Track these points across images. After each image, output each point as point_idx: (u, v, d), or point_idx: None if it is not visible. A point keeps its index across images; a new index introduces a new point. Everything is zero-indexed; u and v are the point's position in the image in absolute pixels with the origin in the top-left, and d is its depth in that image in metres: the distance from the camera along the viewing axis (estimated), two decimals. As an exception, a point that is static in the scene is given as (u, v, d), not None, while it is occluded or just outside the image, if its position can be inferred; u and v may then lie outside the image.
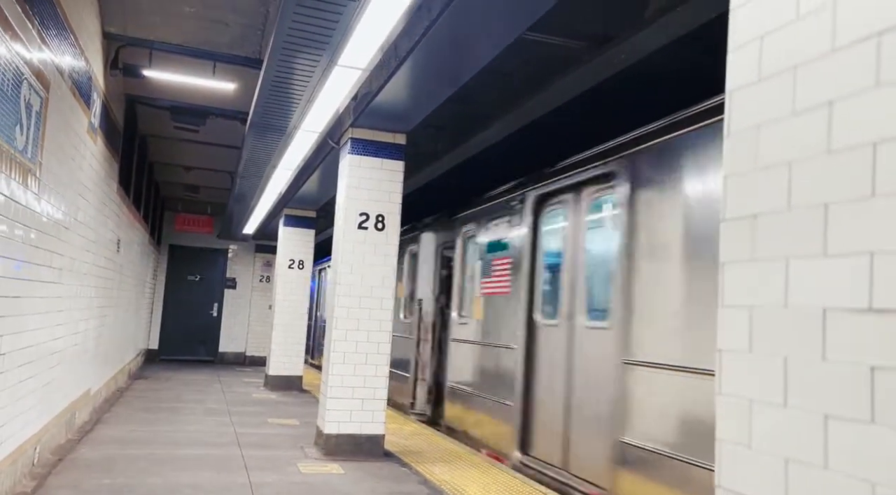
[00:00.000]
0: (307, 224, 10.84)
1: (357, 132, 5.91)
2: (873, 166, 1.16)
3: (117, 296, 8.36)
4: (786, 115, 1.35)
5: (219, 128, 8.19)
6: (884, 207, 1.14)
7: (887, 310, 1.12)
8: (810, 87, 1.30)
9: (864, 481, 1.13)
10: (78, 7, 4.71)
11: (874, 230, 1.16)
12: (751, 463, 1.36)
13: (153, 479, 4.59)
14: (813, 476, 1.22)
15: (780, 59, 1.37)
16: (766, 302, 1.36)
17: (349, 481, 4.88)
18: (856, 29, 1.22)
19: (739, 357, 1.42)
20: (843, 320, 1.20)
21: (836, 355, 1.20)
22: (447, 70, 4.48)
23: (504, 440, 5.96)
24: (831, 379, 1.21)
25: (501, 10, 3.54)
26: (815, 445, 1.23)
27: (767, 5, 1.42)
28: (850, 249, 1.20)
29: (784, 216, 1.33)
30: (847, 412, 1.18)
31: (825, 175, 1.25)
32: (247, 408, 8.21)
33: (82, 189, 5.42)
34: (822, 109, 1.27)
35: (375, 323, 5.86)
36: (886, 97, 1.15)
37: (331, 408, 5.71)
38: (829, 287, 1.23)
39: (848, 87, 1.22)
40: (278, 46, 4.38)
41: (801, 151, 1.30)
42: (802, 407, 1.26)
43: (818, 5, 1.30)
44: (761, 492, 1.32)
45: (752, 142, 1.42)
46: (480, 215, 7.01)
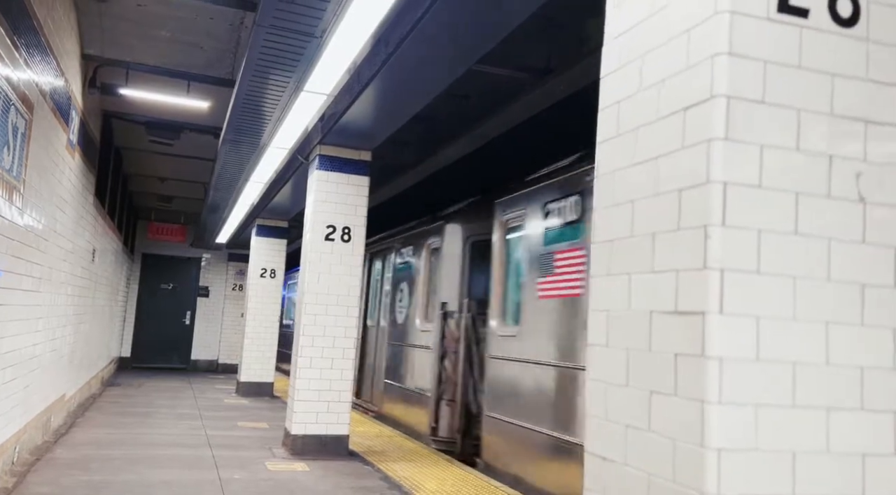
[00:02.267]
0: (279, 234, 11.14)
1: (324, 149, 6.27)
2: (679, 207, 1.57)
3: (92, 304, 8.57)
4: (631, 165, 1.76)
5: (193, 142, 8.48)
6: (685, 237, 1.55)
7: (687, 312, 1.53)
8: (645, 145, 1.71)
9: (669, 439, 1.53)
10: (59, 32, 5.02)
11: (679, 253, 1.56)
12: (607, 431, 1.76)
13: (128, 476, 4.88)
14: (642, 436, 1.62)
15: (629, 121, 1.78)
16: (616, 307, 1.76)
17: (313, 477, 5.21)
18: (671, 104, 1.63)
19: (600, 350, 1.82)
20: (661, 319, 1.60)
21: (656, 346, 1.61)
22: (406, 94, 4.87)
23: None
24: (654, 364, 1.61)
25: (452, 46, 3.94)
26: (643, 414, 1.63)
27: (621, 78, 1.83)
28: (666, 267, 1.61)
29: (628, 241, 1.74)
30: (663, 389, 1.58)
31: (653, 212, 1.66)
32: (218, 413, 8.46)
33: (61, 202, 5.70)
34: (652, 162, 1.68)
35: (341, 329, 6.21)
36: (688, 156, 1.56)
37: (298, 410, 6.03)
38: (653, 295, 1.64)
39: (666, 147, 1.63)
40: (249, 71, 4.73)
41: (639, 193, 1.71)
42: (636, 387, 1.66)
43: (652, 82, 1.71)
44: (611, 452, 1.72)
45: (610, 185, 1.83)
46: (535, 196, 5.26)
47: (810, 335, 1.51)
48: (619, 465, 1.68)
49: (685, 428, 1.48)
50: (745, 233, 1.48)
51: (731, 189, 1.48)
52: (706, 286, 1.47)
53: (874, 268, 1.56)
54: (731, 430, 1.43)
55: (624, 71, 1.80)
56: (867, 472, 1.52)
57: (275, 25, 3.76)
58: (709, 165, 1.49)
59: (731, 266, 1.47)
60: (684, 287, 1.53)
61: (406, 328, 7.98)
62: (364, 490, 4.93)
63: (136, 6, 5.26)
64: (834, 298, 1.53)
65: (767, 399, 1.47)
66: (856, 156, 1.57)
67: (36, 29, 4.29)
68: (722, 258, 1.47)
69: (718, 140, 1.48)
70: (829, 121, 1.56)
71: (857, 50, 1.58)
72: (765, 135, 1.51)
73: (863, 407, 1.53)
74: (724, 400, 1.44)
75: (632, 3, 1.81)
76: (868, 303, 1.55)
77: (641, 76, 1.73)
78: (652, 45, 1.70)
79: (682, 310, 1.53)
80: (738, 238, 1.48)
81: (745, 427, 1.44)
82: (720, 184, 1.47)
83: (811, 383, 1.50)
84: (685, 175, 1.56)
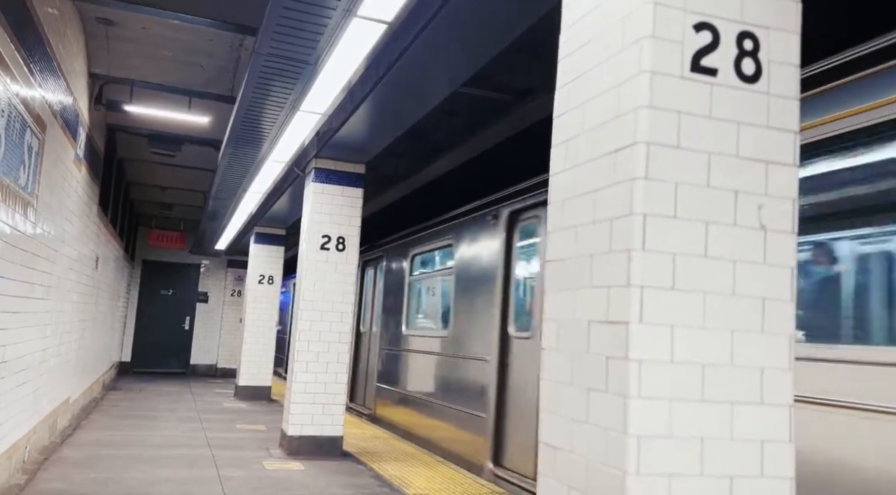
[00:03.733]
0: (277, 241, 11.43)
1: (320, 162, 6.57)
2: (611, 234, 1.87)
3: (94, 310, 8.85)
4: (575, 196, 2.05)
5: (193, 154, 8.78)
6: (615, 259, 1.85)
7: (615, 322, 1.82)
8: (586, 179, 2.01)
9: (602, 429, 1.83)
10: (69, 55, 5.32)
11: (610, 273, 1.86)
12: (556, 424, 2.05)
13: (133, 474, 5.16)
14: (582, 427, 1.91)
15: (574, 158, 2.08)
16: (564, 317, 2.06)
17: (308, 475, 5.49)
18: (605, 147, 1.93)
19: (551, 353, 2.11)
20: (597, 328, 1.90)
21: (593, 350, 1.90)
22: (397, 113, 5.18)
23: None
24: (591, 366, 1.90)
25: (439, 70, 4.24)
26: (583, 408, 1.92)
27: (568, 121, 2.13)
28: (601, 284, 1.90)
29: (574, 261, 2.03)
30: (598, 386, 1.87)
31: (592, 237, 1.96)
32: (217, 416, 8.74)
33: (69, 214, 5.99)
34: (591, 195, 1.98)
35: (336, 335, 6.50)
36: (617, 192, 1.86)
37: (294, 412, 6.31)
38: (592, 307, 1.93)
39: (601, 183, 1.93)
40: (248, 93, 5.03)
41: (582, 220, 2.01)
42: (578, 385, 1.95)
43: (591, 127, 2.01)
44: (559, 441, 2.01)
45: (560, 212, 2.13)
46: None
47: (718, 341, 1.81)
48: (566, 453, 1.98)
49: (613, 419, 1.78)
50: (661, 256, 1.78)
51: (649, 220, 1.78)
52: (629, 300, 1.76)
53: (773, 285, 1.86)
54: (648, 420, 1.73)
55: (570, 115, 2.11)
56: (766, 455, 1.81)
57: (271, 53, 4.07)
58: (632, 200, 1.79)
59: (649, 283, 1.77)
60: (613, 300, 1.83)
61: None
62: (356, 487, 5.21)
63: (141, 29, 5.56)
64: (738, 310, 1.83)
65: (680, 394, 1.76)
66: (758, 191, 1.87)
67: (50, 55, 4.59)
68: (642, 277, 1.76)
69: (640, 179, 1.78)
70: (735, 162, 1.86)
71: (759, 102, 1.88)
72: (679, 174, 1.81)
73: (762, 402, 1.82)
74: (643, 395, 1.73)
75: (576, 57, 2.11)
76: (768, 313, 1.85)
77: (583, 121, 2.03)
78: (591, 96, 2.00)
79: (612, 320, 1.83)
80: (655, 260, 1.77)
81: (661, 417, 1.74)
82: (641, 216, 1.77)
83: (718, 381, 1.80)
84: (615, 207, 1.86)
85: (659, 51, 1.80)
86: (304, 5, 3.58)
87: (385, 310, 9.14)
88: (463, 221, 6.95)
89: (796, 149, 1.92)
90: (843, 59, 2.82)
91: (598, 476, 1.81)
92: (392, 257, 9.15)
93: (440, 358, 7.21)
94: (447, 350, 7.00)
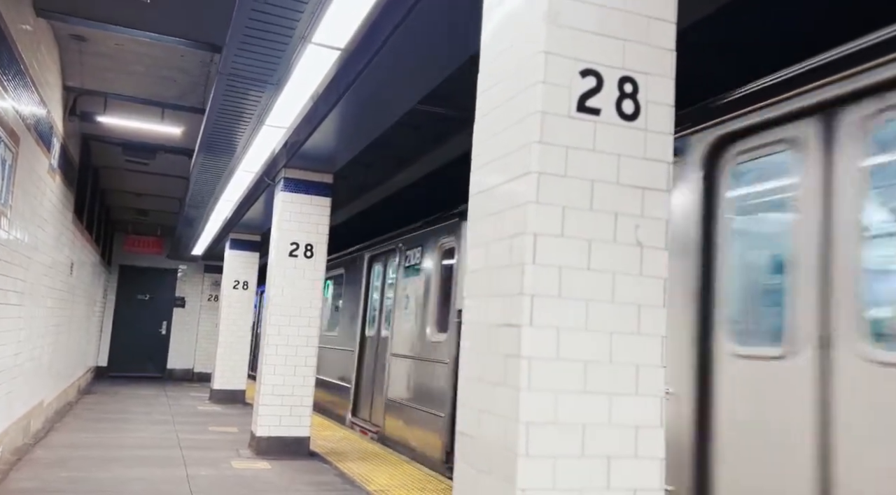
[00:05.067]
0: (252, 247, 11.63)
1: (289, 172, 6.83)
2: (510, 250, 2.17)
3: (70, 315, 9.01)
4: (486, 215, 2.35)
5: (167, 162, 8.98)
6: (513, 272, 2.14)
7: (512, 325, 2.12)
8: (494, 202, 2.31)
9: (502, 417, 2.12)
10: (43, 69, 5.54)
11: (509, 283, 2.16)
12: (470, 415, 2.34)
13: (104, 473, 5.37)
14: (488, 417, 2.20)
15: (486, 183, 2.38)
16: (478, 320, 2.35)
17: (274, 473, 5.74)
18: (507, 175, 2.23)
19: (469, 354, 2.40)
20: (499, 330, 2.19)
21: (497, 350, 2.20)
22: (359, 127, 5.45)
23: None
24: (496, 363, 2.20)
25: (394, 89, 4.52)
26: (490, 400, 2.21)
27: (484, 148, 2.43)
28: (503, 293, 2.20)
29: (483, 273, 2.33)
30: (500, 381, 2.16)
31: (497, 252, 2.25)
32: (190, 419, 8.93)
33: (42, 222, 6.19)
34: (497, 215, 2.27)
35: (303, 339, 6.75)
36: (515, 214, 2.16)
37: (262, 414, 6.55)
38: (496, 312, 2.22)
39: (505, 206, 2.23)
40: (214, 110, 5.29)
41: (490, 238, 2.31)
42: (486, 381, 2.25)
43: (498, 156, 2.31)
44: (472, 430, 2.30)
45: (476, 229, 2.42)
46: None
47: (598, 341, 2.11)
48: (476, 439, 2.27)
49: (509, 409, 2.08)
50: (550, 269, 2.08)
51: (540, 238, 2.08)
52: (522, 306, 2.06)
53: (648, 293, 2.17)
54: (536, 409, 2.03)
55: (486, 144, 2.41)
56: (639, 439, 2.12)
57: (234, 74, 4.34)
58: (526, 221, 2.09)
59: (539, 292, 2.07)
60: (511, 307, 2.13)
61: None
62: (319, 484, 5.47)
63: (114, 45, 5.79)
64: (617, 315, 2.14)
65: (564, 386, 2.06)
66: (635, 213, 2.18)
67: (23, 71, 4.81)
68: (533, 287, 2.06)
69: (532, 203, 2.08)
70: (616, 188, 2.17)
71: (637, 137, 2.20)
72: (566, 199, 2.11)
73: (637, 393, 2.13)
74: (532, 388, 2.03)
75: (489, 95, 2.41)
76: (643, 318, 2.16)
77: (493, 150, 2.33)
78: (500, 129, 2.30)
79: (510, 324, 2.13)
80: (544, 273, 2.08)
81: (547, 407, 2.04)
82: (532, 235, 2.07)
83: (598, 376, 2.10)
84: (513, 227, 2.16)
85: (549, 94, 2.11)
86: (263, 31, 3.86)
87: (401, 310, 7.76)
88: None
89: (669, 176, 2.24)
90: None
91: (497, 458, 2.10)
92: (416, 247, 7.64)
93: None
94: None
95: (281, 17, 3.75)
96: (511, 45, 2.28)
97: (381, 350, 8.42)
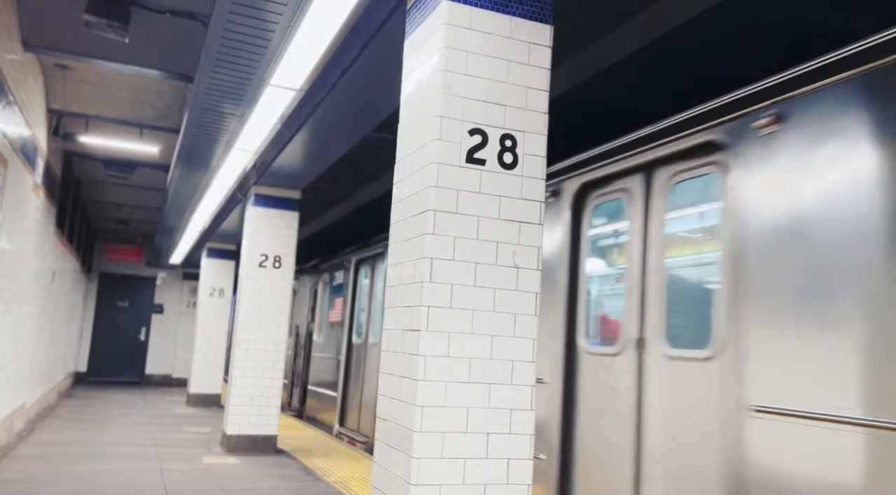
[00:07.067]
0: (228, 256, 12.10)
1: (259, 189, 7.35)
2: (415, 270, 2.73)
3: (51, 321, 9.42)
4: (401, 241, 2.92)
5: (147, 176, 9.46)
6: (415, 287, 2.71)
7: (414, 330, 2.67)
8: (404, 231, 2.87)
9: (406, 404, 2.68)
10: (30, 96, 6.03)
11: (413, 296, 2.72)
12: (386, 403, 2.89)
13: (83, 467, 5.84)
14: (397, 403, 2.76)
15: (400, 214, 2.94)
16: (393, 326, 2.91)
17: (241, 468, 6.24)
18: (413, 210, 2.80)
19: (386, 354, 2.96)
20: (406, 334, 2.75)
21: (404, 349, 2.76)
22: (321, 151, 6.01)
23: None
24: (403, 361, 2.75)
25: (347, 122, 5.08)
26: (399, 390, 2.77)
27: (399, 187, 3.00)
28: (409, 304, 2.76)
29: (397, 288, 2.89)
30: (406, 374, 2.72)
31: (406, 271, 2.82)
32: (166, 420, 9.38)
33: (26, 235, 6.65)
34: (407, 242, 2.84)
35: (272, 344, 7.26)
36: (419, 242, 2.72)
37: (232, 414, 7.05)
38: (405, 320, 2.78)
39: (411, 234, 2.80)
40: (188, 135, 5.82)
41: (403, 259, 2.87)
42: (397, 374, 2.80)
43: (407, 195, 2.88)
44: (386, 415, 2.86)
45: (394, 252, 2.99)
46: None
47: (482, 342, 2.68)
48: (389, 422, 2.83)
49: (410, 396, 2.64)
50: (443, 285, 2.65)
51: (435, 261, 2.65)
52: (421, 315, 2.63)
53: (523, 305, 2.75)
54: (429, 396, 2.59)
55: (401, 184, 2.97)
56: (513, 419, 2.69)
57: (203, 107, 4.87)
58: (424, 248, 2.66)
59: (434, 304, 2.63)
60: (413, 316, 2.70)
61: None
62: (283, 477, 5.98)
63: (96, 73, 6.30)
64: (497, 322, 2.71)
65: (453, 378, 2.63)
66: (513, 241, 2.76)
67: (11, 101, 5.31)
68: (429, 300, 2.63)
69: (429, 234, 2.65)
70: (498, 222, 2.75)
71: (515, 182, 2.78)
72: (457, 231, 2.69)
73: (512, 383, 2.70)
74: (427, 379, 2.59)
75: (404, 143, 2.98)
76: (518, 324, 2.73)
77: (406, 190, 2.90)
78: (409, 172, 2.88)
79: (412, 329, 2.69)
80: (439, 289, 2.64)
81: (439, 393, 2.60)
82: (429, 259, 2.64)
83: (481, 369, 2.67)
84: (417, 252, 2.73)
85: (443, 149, 2.68)
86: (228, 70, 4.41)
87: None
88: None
89: (542, 213, 2.82)
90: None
91: (401, 435, 2.66)
92: None
93: None
94: None
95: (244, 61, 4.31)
96: (418, 109, 2.86)
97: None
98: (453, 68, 2.71)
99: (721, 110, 3.21)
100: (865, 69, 2.56)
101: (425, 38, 2.86)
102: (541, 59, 2.86)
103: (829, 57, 2.71)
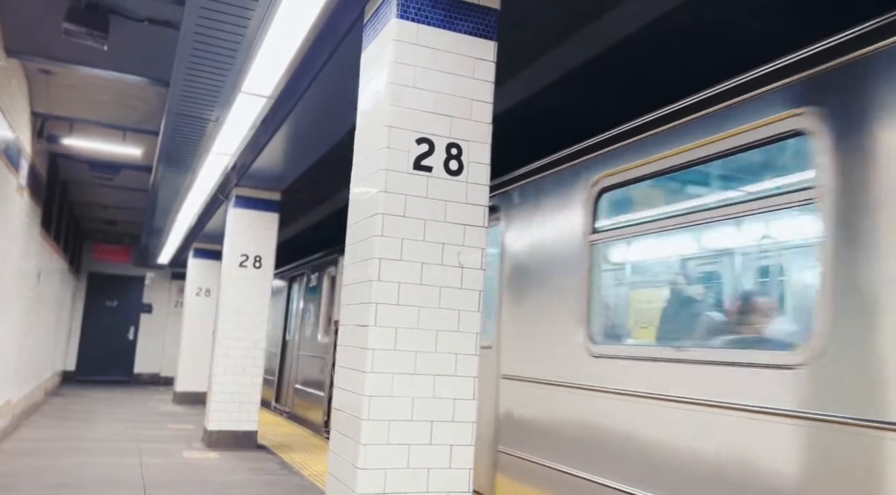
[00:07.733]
0: (214, 256, 12.23)
1: (240, 190, 7.53)
2: (365, 269, 2.93)
3: (37, 320, 9.56)
4: (355, 242, 3.11)
5: (132, 177, 9.61)
6: (365, 286, 2.90)
7: (363, 325, 2.87)
8: (358, 233, 3.07)
9: (356, 394, 2.87)
10: (13, 100, 6.18)
11: (363, 294, 2.91)
12: (342, 395, 3.09)
13: (66, 461, 6.01)
14: (349, 394, 2.96)
15: (354, 218, 3.14)
16: (348, 322, 3.10)
17: (220, 462, 6.42)
18: (364, 214, 3.00)
19: (343, 348, 3.16)
20: (357, 329, 2.94)
21: (356, 344, 2.95)
22: (297, 153, 6.19)
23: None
24: (356, 354, 2.94)
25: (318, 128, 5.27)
26: (351, 382, 2.96)
27: (355, 194, 3.19)
28: (360, 301, 2.95)
29: (351, 286, 3.09)
30: (357, 367, 2.91)
31: (358, 271, 3.01)
32: (152, 417, 9.54)
33: (11, 236, 6.81)
34: (358, 243, 3.03)
35: (252, 342, 7.44)
36: (368, 244, 2.92)
37: (213, 410, 7.22)
38: (357, 316, 2.98)
39: (363, 236, 2.99)
40: (166, 138, 5.99)
41: (356, 259, 3.07)
42: (350, 367, 3.00)
43: (363, 200, 3.07)
44: (341, 405, 3.05)
45: (351, 253, 3.18)
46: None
47: (427, 336, 2.88)
48: (342, 412, 3.02)
49: (359, 387, 2.83)
50: (391, 284, 2.85)
51: (384, 262, 2.84)
52: (369, 311, 2.82)
53: (467, 302, 2.94)
54: (376, 386, 2.78)
55: (357, 189, 3.17)
56: (456, 408, 2.88)
57: (179, 113, 5.05)
58: (372, 249, 2.85)
59: (382, 301, 2.83)
60: (363, 312, 2.89)
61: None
62: (260, 470, 6.17)
63: (79, 78, 6.46)
64: (443, 317, 2.90)
65: (399, 370, 2.82)
66: (458, 242, 2.95)
67: (-5, 106, 5.47)
68: (377, 297, 2.82)
69: (377, 236, 2.85)
70: (444, 224, 2.94)
71: (460, 187, 2.97)
72: (404, 233, 2.88)
73: (456, 374, 2.90)
74: (374, 371, 2.79)
75: (360, 150, 3.18)
76: (462, 320, 2.93)
77: (361, 194, 3.10)
78: (364, 176, 3.07)
79: (362, 324, 2.89)
80: (386, 287, 2.84)
81: (386, 384, 2.79)
82: (377, 260, 2.84)
83: (426, 362, 2.87)
84: (366, 253, 2.92)
85: (392, 156, 2.88)
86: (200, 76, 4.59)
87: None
88: None
89: (486, 216, 3.02)
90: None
91: (351, 424, 2.86)
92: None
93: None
94: None
95: (215, 68, 4.49)
96: (371, 119, 3.06)
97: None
98: (402, 81, 2.91)
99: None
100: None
101: (378, 53, 3.06)
102: (485, 73, 3.06)
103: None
